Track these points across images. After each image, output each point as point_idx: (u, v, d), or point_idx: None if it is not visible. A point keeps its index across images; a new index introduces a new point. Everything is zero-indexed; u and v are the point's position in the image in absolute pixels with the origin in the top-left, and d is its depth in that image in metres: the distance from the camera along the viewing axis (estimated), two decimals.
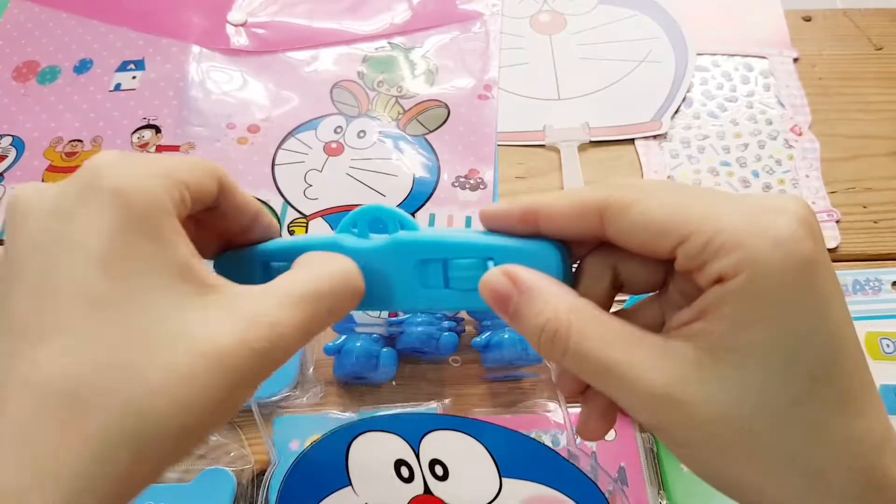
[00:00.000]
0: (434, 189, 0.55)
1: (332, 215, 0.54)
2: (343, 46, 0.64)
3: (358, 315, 0.45)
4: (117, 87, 0.61)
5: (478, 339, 0.45)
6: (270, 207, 0.54)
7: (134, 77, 0.62)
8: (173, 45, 0.64)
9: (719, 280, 0.20)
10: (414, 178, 0.56)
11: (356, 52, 0.64)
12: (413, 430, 0.31)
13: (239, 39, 0.64)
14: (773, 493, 0.20)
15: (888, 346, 0.47)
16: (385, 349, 0.44)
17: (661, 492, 0.43)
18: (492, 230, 0.25)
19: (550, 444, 0.45)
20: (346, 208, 0.54)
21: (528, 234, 0.24)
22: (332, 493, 0.31)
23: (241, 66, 0.63)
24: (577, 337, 0.21)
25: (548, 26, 0.67)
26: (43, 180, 0.56)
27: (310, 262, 0.24)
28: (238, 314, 0.20)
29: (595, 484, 0.32)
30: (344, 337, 0.45)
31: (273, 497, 0.35)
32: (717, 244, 0.19)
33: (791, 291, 0.19)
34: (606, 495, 0.33)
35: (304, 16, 0.66)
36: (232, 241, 0.27)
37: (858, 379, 0.20)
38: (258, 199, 0.54)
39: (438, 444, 0.31)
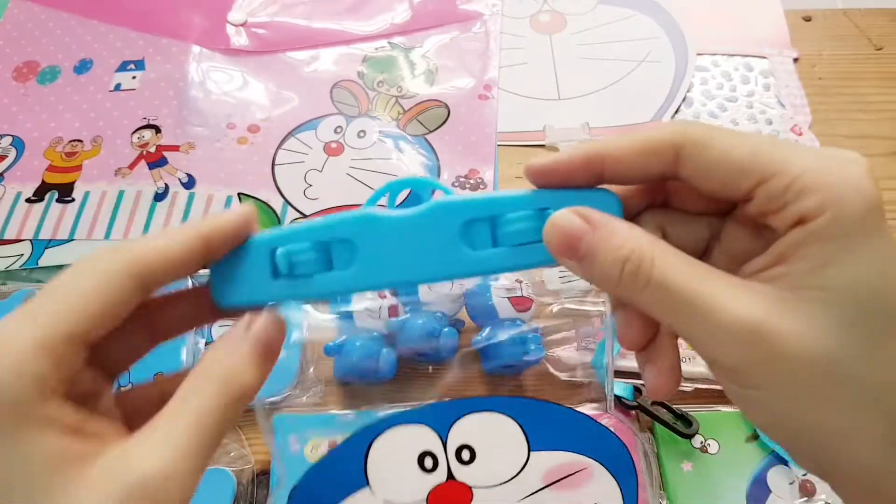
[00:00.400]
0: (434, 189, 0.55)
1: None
2: (343, 46, 0.64)
3: (358, 314, 0.45)
4: (117, 87, 0.61)
5: (477, 338, 0.45)
6: (270, 207, 0.54)
7: (134, 77, 0.62)
8: (173, 45, 0.64)
9: (800, 221, 0.20)
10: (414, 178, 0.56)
11: (356, 52, 0.64)
12: (443, 419, 0.30)
13: (239, 39, 0.64)
14: (854, 435, 0.19)
15: None
16: (385, 349, 0.44)
17: (661, 491, 0.43)
18: (544, 186, 0.23)
19: None
20: (347, 208, 0.54)
21: (587, 183, 0.23)
22: (347, 496, 0.30)
23: (241, 66, 0.63)
24: (661, 267, 0.20)
25: (548, 26, 0.67)
26: (43, 180, 0.56)
27: (194, 388, 0.21)
28: (115, 488, 0.19)
29: (619, 439, 0.31)
30: (344, 337, 0.45)
31: None
32: (800, 185, 0.20)
33: (870, 234, 0.19)
34: (630, 451, 0.32)
35: (304, 16, 0.66)
36: None
37: None
38: (258, 199, 0.55)
39: (469, 427, 0.30)
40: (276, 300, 0.24)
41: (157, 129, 0.58)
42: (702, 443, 0.44)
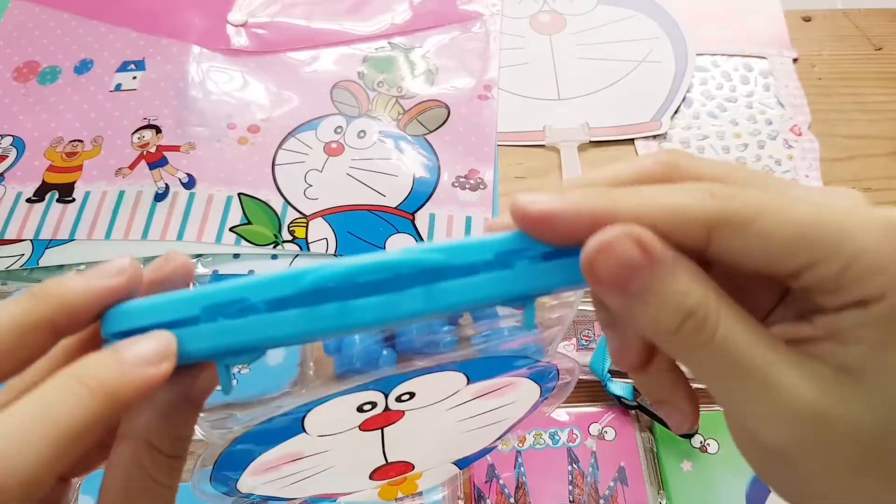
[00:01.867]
0: (434, 189, 0.55)
1: (333, 215, 0.54)
2: (343, 47, 0.64)
3: None
4: (118, 88, 0.61)
5: (476, 337, 0.45)
6: (271, 207, 0.54)
7: (134, 77, 0.62)
8: (174, 45, 0.64)
9: (858, 304, 0.18)
10: (414, 178, 0.56)
11: (356, 53, 0.64)
12: (391, 383, 0.29)
13: (239, 40, 0.64)
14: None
15: None
16: (385, 349, 0.44)
17: (660, 490, 0.43)
18: (534, 235, 0.19)
19: (550, 443, 0.45)
20: (347, 208, 0.54)
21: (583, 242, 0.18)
22: (282, 442, 0.28)
23: (241, 66, 0.63)
24: (727, 329, 0.17)
25: (548, 26, 0.67)
26: (44, 180, 0.56)
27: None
28: None
29: (556, 369, 0.31)
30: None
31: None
32: (858, 269, 0.17)
33: None
34: (560, 371, 0.32)
35: (304, 16, 0.66)
36: None
37: None
38: (258, 199, 0.55)
39: (415, 383, 0.29)
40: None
41: (158, 130, 0.58)
42: (701, 442, 0.44)
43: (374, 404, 0.29)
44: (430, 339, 0.43)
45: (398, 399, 0.29)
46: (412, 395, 0.29)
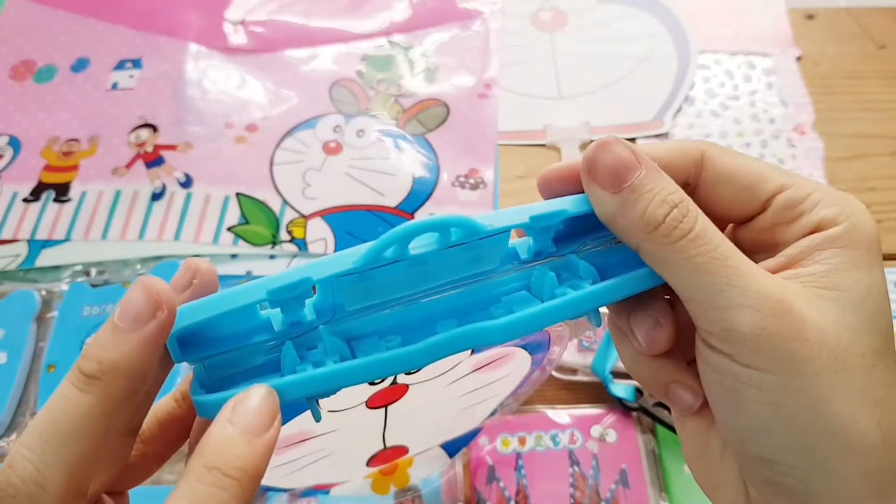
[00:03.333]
0: (434, 188, 0.55)
1: (331, 215, 0.53)
2: (342, 45, 0.64)
3: None
4: (114, 86, 0.61)
5: None
6: (269, 207, 0.54)
7: (131, 76, 0.61)
8: (171, 43, 0.63)
9: (813, 229, 0.21)
10: (413, 177, 0.55)
11: (355, 51, 0.63)
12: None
13: (237, 38, 0.64)
14: (856, 431, 0.19)
15: None
16: None
17: (662, 493, 0.43)
18: (563, 191, 0.23)
19: (551, 445, 0.45)
20: (346, 208, 0.54)
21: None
22: (295, 416, 0.27)
23: (239, 64, 0.62)
24: (705, 222, 0.20)
25: (549, 24, 0.66)
26: (40, 180, 0.56)
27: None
28: None
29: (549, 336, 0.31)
30: None
31: None
32: (816, 198, 0.21)
33: (875, 253, 0.21)
34: (553, 337, 0.32)
35: (302, 14, 0.66)
36: None
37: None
38: (256, 199, 0.54)
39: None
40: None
41: (155, 129, 0.58)
42: None
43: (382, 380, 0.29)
44: None
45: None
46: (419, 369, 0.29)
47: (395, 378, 0.29)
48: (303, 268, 0.20)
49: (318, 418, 0.21)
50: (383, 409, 0.31)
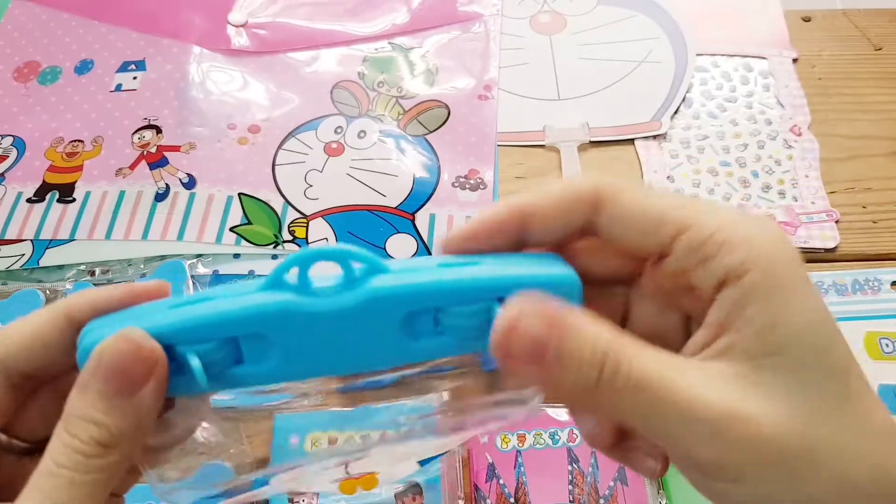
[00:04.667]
0: (434, 189, 0.55)
1: (333, 215, 0.54)
2: (343, 47, 0.64)
3: None
4: (118, 88, 0.61)
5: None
6: (271, 207, 0.54)
7: (135, 77, 0.62)
8: (174, 45, 0.64)
9: (726, 279, 0.19)
10: (414, 178, 0.56)
11: (356, 53, 0.64)
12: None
13: (239, 40, 0.64)
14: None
15: (888, 345, 0.48)
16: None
17: (660, 491, 0.43)
18: (472, 252, 0.21)
19: (550, 442, 0.45)
20: (347, 208, 0.54)
21: (512, 246, 0.22)
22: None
23: (241, 66, 0.63)
24: (639, 364, 0.18)
25: (548, 27, 0.67)
26: (44, 180, 0.56)
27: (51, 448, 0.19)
28: None
29: None
30: None
31: None
32: (720, 239, 0.19)
33: (799, 285, 0.19)
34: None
35: (304, 17, 0.66)
36: None
37: (860, 369, 0.19)
38: (258, 199, 0.55)
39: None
40: (177, 395, 0.21)
41: (158, 130, 0.59)
42: None
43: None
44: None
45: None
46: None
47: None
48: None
49: (203, 383, 0.20)
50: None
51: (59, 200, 0.55)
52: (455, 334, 0.21)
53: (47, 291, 0.51)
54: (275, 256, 0.52)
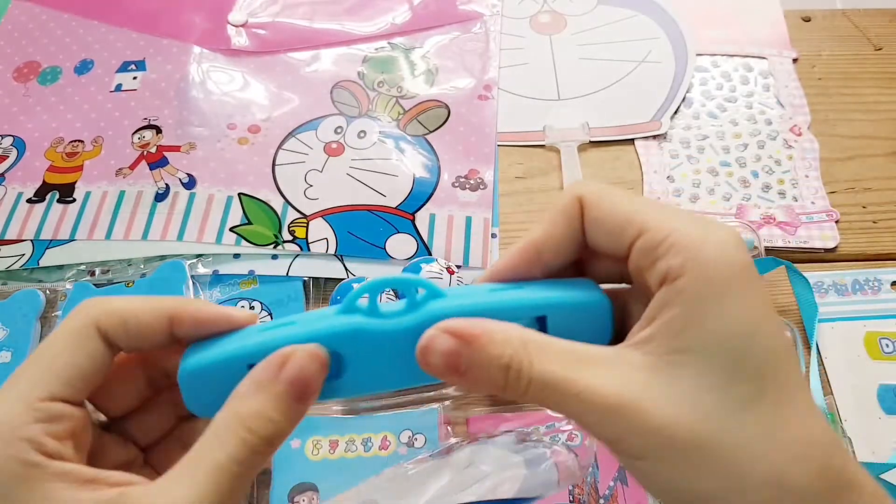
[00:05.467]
0: (434, 189, 0.55)
1: (333, 215, 0.54)
2: (343, 47, 0.64)
3: None
4: (118, 88, 0.61)
5: None
6: (271, 207, 0.54)
7: (135, 77, 0.62)
8: (174, 45, 0.64)
9: (663, 281, 0.20)
10: (414, 178, 0.56)
11: (356, 53, 0.64)
12: None
13: (239, 40, 0.64)
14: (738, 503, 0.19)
15: (888, 345, 0.48)
16: None
17: None
18: (514, 281, 0.24)
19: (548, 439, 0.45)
20: (347, 208, 0.54)
21: (536, 276, 0.24)
22: None
23: (241, 66, 0.63)
24: (539, 365, 0.21)
25: (548, 27, 0.67)
26: (44, 181, 0.56)
27: (217, 433, 0.21)
28: None
29: None
30: None
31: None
32: (669, 242, 0.20)
33: (735, 294, 0.20)
34: None
35: (304, 16, 0.66)
36: None
37: (797, 380, 0.20)
38: (258, 199, 0.55)
39: None
40: None
41: (158, 130, 0.59)
42: None
43: None
44: None
45: None
46: None
47: None
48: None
49: None
50: None
51: (59, 200, 0.55)
52: None
53: (47, 291, 0.51)
54: (275, 256, 0.52)
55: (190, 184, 0.55)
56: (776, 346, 0.20)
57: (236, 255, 0.52)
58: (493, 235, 0.53)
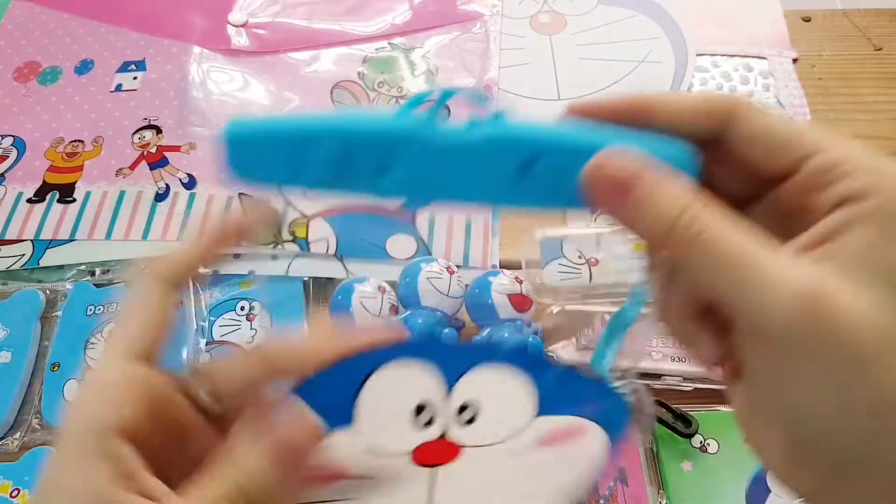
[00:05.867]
0: None
1: (333, 215, 0.54)
2: (343, 47, 0.64)
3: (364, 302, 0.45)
4: (118, 88, 0.61)
5: (477, 338, 0.45)
6: (272, 208, 0.54)
7: (135, 77, 0.62)
8: (174, 45, 0.64)
9: (844, 201, 0.19)
10: None
11: (356, 53, 0.64)
12: (454, 365, 0.27)
13: (240, 40, 0.64)
14: (882, 432, 0.18)
15: None
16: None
17: (660, 491, 0.43)
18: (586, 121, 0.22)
19: None
20: (347, 208, 0.54)
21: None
22: (329, 431, 0.26)
23: (241, 66, 0.63)
24: (719, 219, 0.19)
25: (548, 27, 0.67)
26: (44, 181, 0.56)
27: (238, 459, 0.22)
28: None
29: (623, 402, 0.28)
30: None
31: None
32: (851, 164, 0.20)
33: None
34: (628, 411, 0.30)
35: (304, 17, 0.66)
36: None
37: None
38: (258, 199, 0.55)
39: (478, 384, 0.27)
40: (292, 186, 0.23)
41: (158, 130, 0.59)
42: (701, 442, 0.44)
43: (432, 416, 0.27)
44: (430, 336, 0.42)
45: (459, 415, 0.27)
46: (475, 414, 0.27)
47: (446, 432, 0.27)
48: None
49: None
50: (428, 477, 0.28)
51: (59, 200, 0.55)
52: (563, 185, 0.21)
53: (47, 291, 0.51)
54: (275, 257, 0.52)
55: (190, 184, 0.55)
56: None
57: (236, 255, 0.52)
58: (494, 235, 0.53)
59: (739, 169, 0.22)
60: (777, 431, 0.20)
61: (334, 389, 0.26)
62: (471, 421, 0.27)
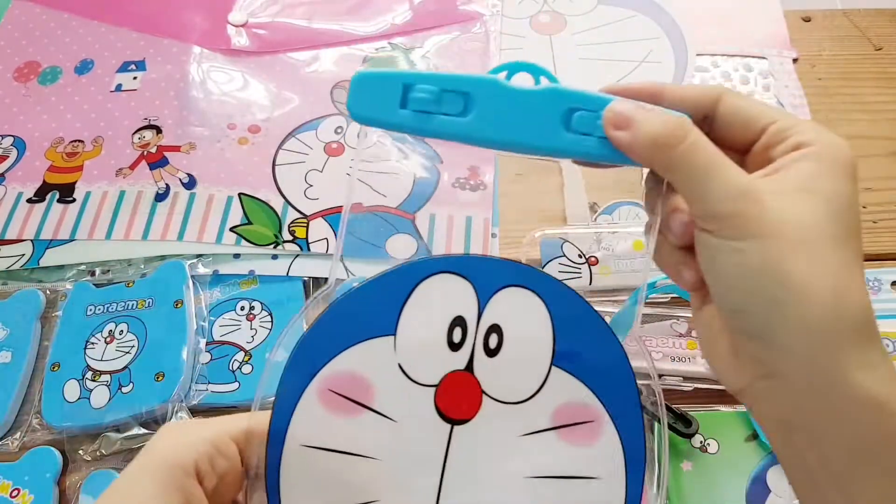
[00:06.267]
0: (434, 189, 0.55)
1: (333, 215, 0.54)
2: (343, 47, 0.64)
3: None
4: (118, 88, 0.61)
5: None
6: (271, 207, 0.54)
7: (135, 77, 0.62)
8: (174, 45, 0.64)
9: (794, 148, 0.26)
10: (414, 178, 0.56)
11: (357, 53, 0.64)
12: (488, 281, 0.30)
13: (240, 40, 0.64)
14: (810, 286, 0.24)
15: (888, 345, 0.47)
16: None
17: (661, 491, 0.43)
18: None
19: None
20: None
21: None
22: (369, 339, 0.29)
23: (241, 66, 0.63)
24: (698, 133, 0.26)
25: (548, 27, 0.67)
26: (44, 180, 0.56)
27: None
28: None
29: (636, 387, 0.30)
30: None
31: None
32: (799, 128, 0.27)
33: (844, 172, 0.26)
34: (644, 420, 0.31)
35: (304, 16, 0.66)
36: None
37: (860, 253, 0.26)
38: (258, 199, 0.55)
39: (506, 305, 0.30)
40: (400, 127, 0.29)
41: (158, 130, 0.59)
42: (701, 442, 0.44)
43: (464, 329, 0.29)
44: None
45: (486, 341, 0.29)
46: (500, 341, 0.29)
47: (472, 358, 0.30)
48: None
49: None
50: (447, 434, 0.29)
51: (59, 200, 0.55)
52: (598, 133, 0.28)
53: (47, 291, 0.51)
54: (275, 257, 0.52)
55: (190, 184, 0.55)
56: (858, 218, 0.26)
57: (236, 255, 0.52)
58: (493, 235, 0.53)
59: (722, 142, 0.28)
60: (724, 335, 0.27)
61: (382, 296, 0.30)
62: (495, 351, 0.30)
